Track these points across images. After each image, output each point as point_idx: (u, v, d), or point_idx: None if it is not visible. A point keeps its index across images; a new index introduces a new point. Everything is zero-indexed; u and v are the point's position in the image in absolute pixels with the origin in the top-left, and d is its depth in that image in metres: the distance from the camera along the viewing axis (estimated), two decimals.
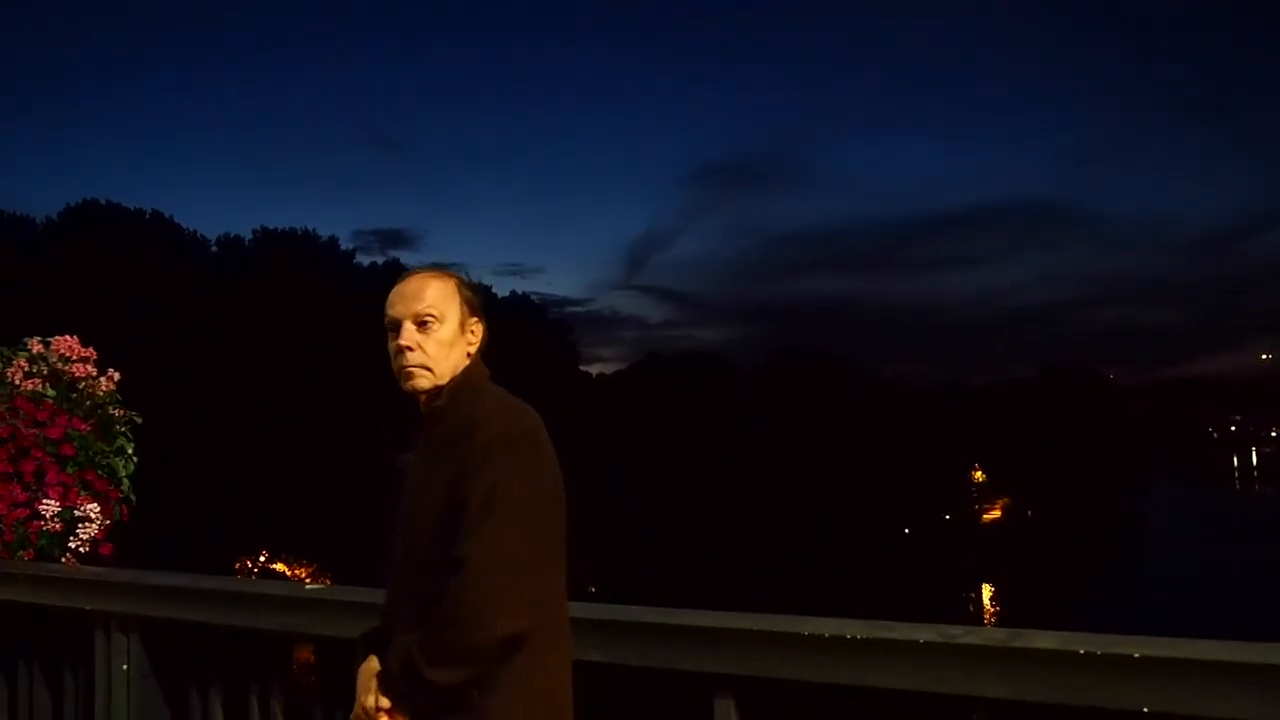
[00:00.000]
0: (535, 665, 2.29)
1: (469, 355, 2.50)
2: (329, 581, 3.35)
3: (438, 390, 2.44)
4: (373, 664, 2.42)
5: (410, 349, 2.43)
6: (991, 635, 2.32)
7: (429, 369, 2.43)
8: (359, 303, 57.49)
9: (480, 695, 2.25)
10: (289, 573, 46.65)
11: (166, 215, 59.79)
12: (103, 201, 58.18)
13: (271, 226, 62.48)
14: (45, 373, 4.78)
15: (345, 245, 65.64)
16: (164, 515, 31.46)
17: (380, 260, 67.52)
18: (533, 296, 74.07)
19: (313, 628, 3.43)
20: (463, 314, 2.49)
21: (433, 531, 2.31)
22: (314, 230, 62.56)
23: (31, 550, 4.44)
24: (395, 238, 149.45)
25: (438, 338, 2.45)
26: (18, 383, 4.71)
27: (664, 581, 46.79)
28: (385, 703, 2.32)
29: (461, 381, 2.46)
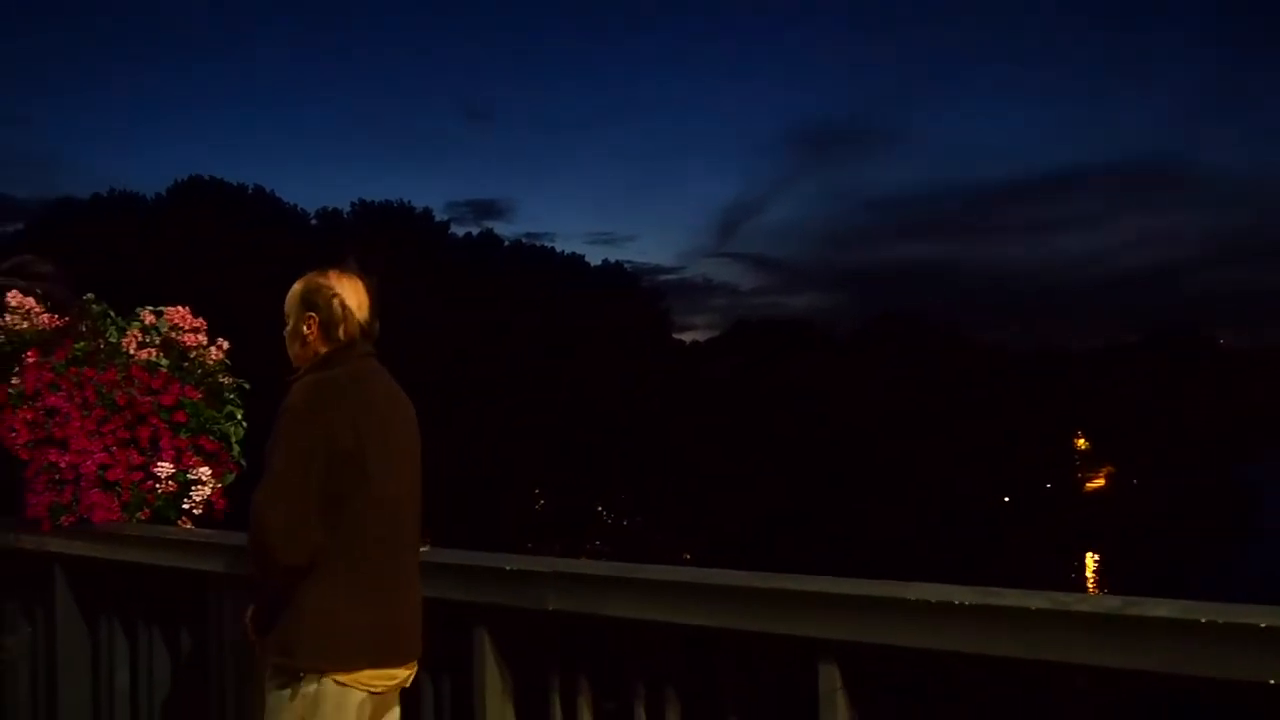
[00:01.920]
0: (305, 596, 2.86)
1: (303, 342, 3.09)
2: (429, 544, 3.42)
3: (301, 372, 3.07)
4: None
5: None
6: (1106, 603, 2.26)
7: (290, 357, 3.12)
8: (454, 273, 58.28)
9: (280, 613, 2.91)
10: None
11: (268, 189, 61.17)
12: (207, 177, 59.70)
13: (369, 199, 63.54)
14: (158, 342, 4.91)
15: (439, 216, 66.33)
16: None
17: (475, 231, 68.36)
18: (625, 265, 74.10)
19: None
20: (298, 314, 3.10)
21: None
22: (409, 202, 63.48)
23: (148, 510, 4.59)
24: (488, 208, 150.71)
25: (285, 334, 3.14)
26: (132, 352, 4.85)
27: (762, 544, 46.74)
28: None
29: (315, 364, 3.04)
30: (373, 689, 2.91)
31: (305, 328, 3.07)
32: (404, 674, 3.03)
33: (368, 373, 3.06)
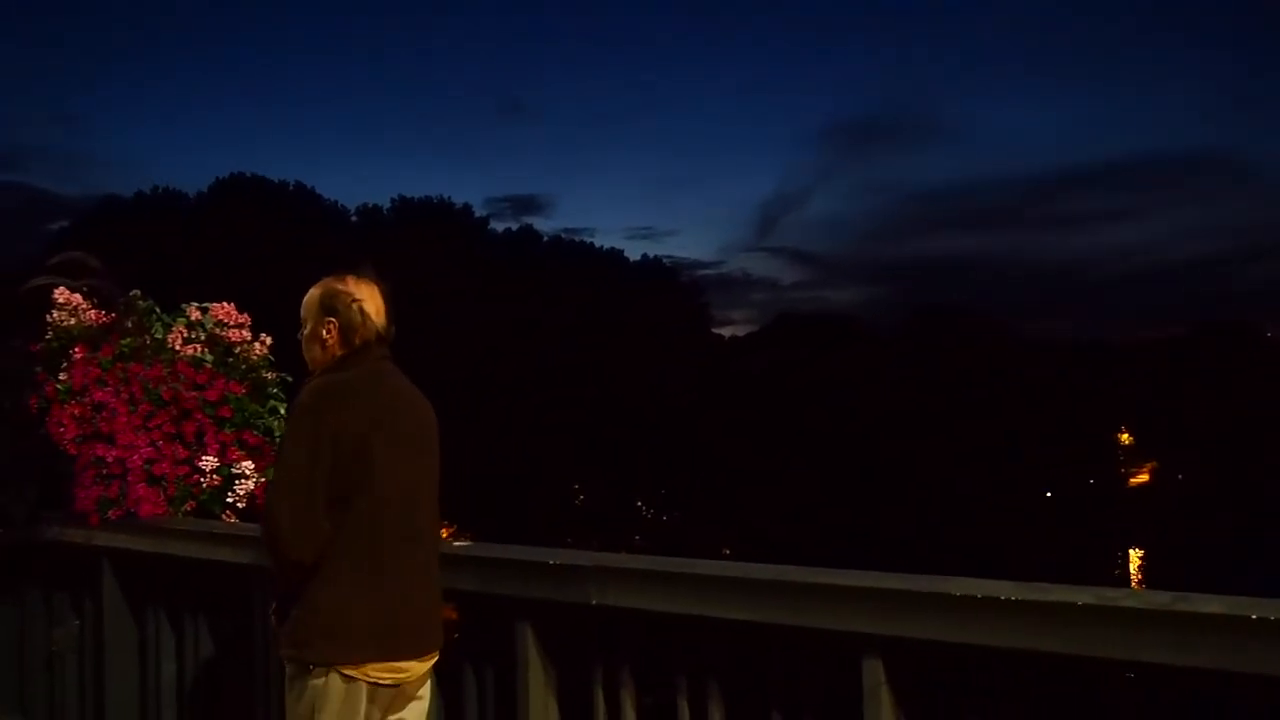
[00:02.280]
0: (315, 591, 2.94)
1: (323, 346, 3.15)
2: (470, 539, 3.43)
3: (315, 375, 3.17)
4: None
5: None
6: (1153, 599, 2.23)
7: (306, 360, 3.22)
8: (493, 268, 58.47)
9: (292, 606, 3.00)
10: None
11: (308, 186, 61.68)
12: (248, 174, 60.30)
13: (409, 195, 63.89)
14: (203, 338, 4.96)
15: (479, 212, 66.60)
16: None
17: (514, 226, 68.53)
18: (664, 260, 74.14)
19: (459, 583, 3.51)
20: (317, 319, 3.17)
21: None
22: (448, 198, 63.77)
23: (193, 504, 4.64)
24: (528, 204, 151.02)
25: (301, 337, 3.22)
26: (178, 348, 4.91)
27: (801, 540, 46.58)
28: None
29: (330, 366, 3.12)
30: (380, 682, 2.95)
31: (325, 332, 3.14)
32: (416, 667, 3.05)
33: (381, 375, 3.13)
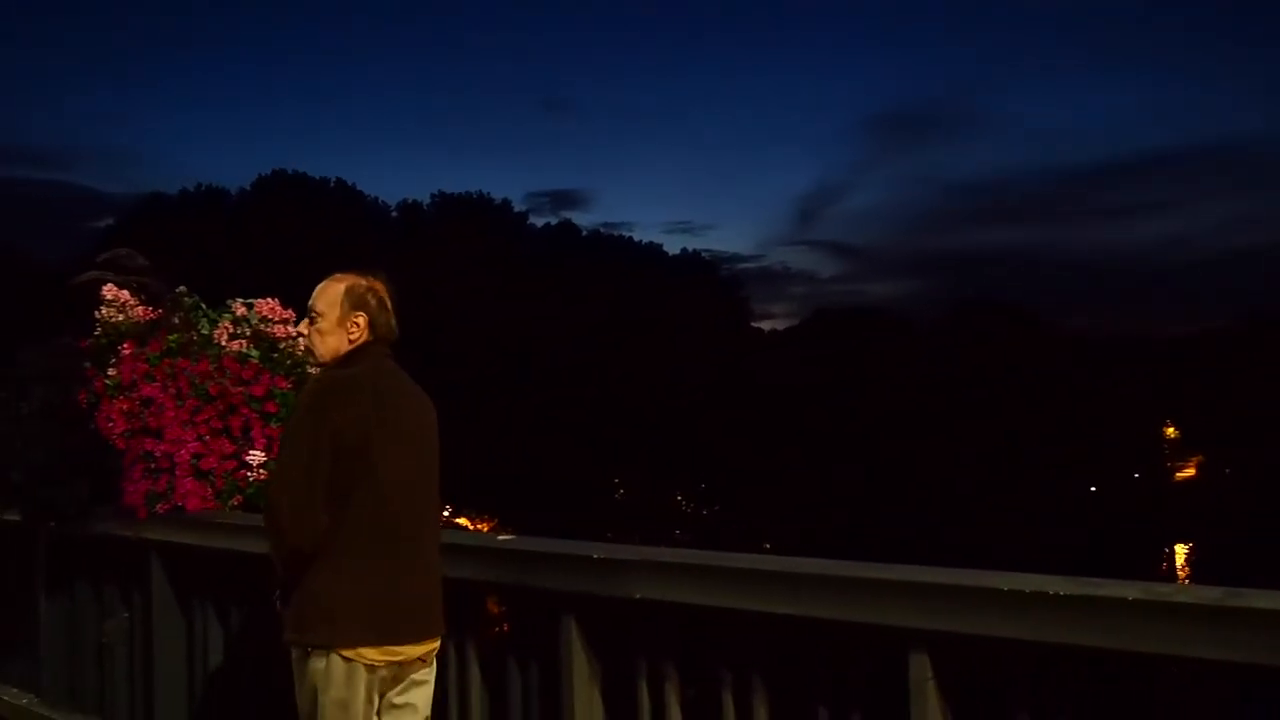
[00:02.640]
0: (316, 579, 3.07)
1: (350, 341, 3.25)
2: (513, 534, 3.45)
3: (324, 366, 3.33)
4: None
5: (304, 335, 3.41)
6: (1206, 594, 2.20)
7: (312, 350, 3.37)
8: (533, 263, 58.64)
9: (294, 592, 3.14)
10: (470, 527, 48.11)
11: (349, 183, 62.09)
12: (290, 171, 60.79)
13: (448, 191, 64.16)
14: (249, 334, 5.01)
15: (518, 207, 66.75)
16: None
17: (553, 221, 68.61)
18: (703, 254, 73.86)
19: (502, 577, 3.52)
20: (342, 310, 3.25)
21: None
22: (488, 193, 63.94)
23: (240, 497, 4.69)
24: (567, 199, 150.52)
25: (317, 328, 3.28)
26: (224, 344, 4.95)
27: (843, 534, 46.42)
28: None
29: (337, 361, 3.25)
30: (376, 664, 3.09)
31: (352, 325, 3.25)
32: (412, 651, 3.16)
33: (383, 372, 3.25)
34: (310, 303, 3.33)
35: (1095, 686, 2.46)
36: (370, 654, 3.07)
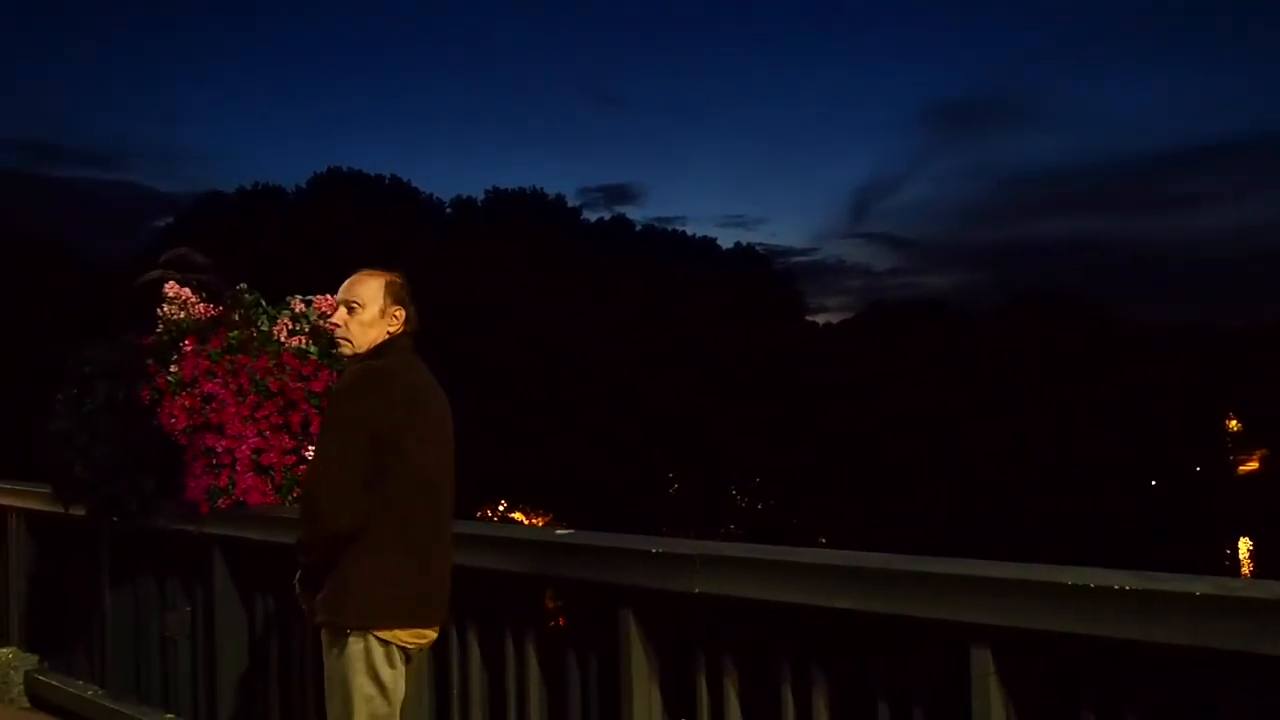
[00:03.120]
0: (351, 565, 3.20)
1: (388, 333, 3.39)
2: (570, 528, 3.46)
3: (356, 356, 3.40)
4: None
5: (338, 325, 3.43)
6: (1275, 589, 2.16)
7: (349, 340, 3.41)
8: (586, 258, 58.76)
9: (327, 576, 3.27)
10: (525, 522, 48.30)
11: (404, 179, 62.52)
12: (345, 169, 61.33)
13: (502, 186, 64.40)
14: (307, 330, 5.05)
15: (571, 202, 66.84)
16: None
17: (606, 215, 68.62)
18: (757, 248, 73.48)
19: (560, 571, 3.53)
20: (384, 304, 3.39)
21: None
22: (541, 189, 64.11)
23: (299, 490, 4.73)
24: (620, 193, 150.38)
25: (359, 319, 3.39)
26: (283, 340, 5.00)
27: (899, 527, 46.06)
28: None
29: (369, 352, 3.37)
30: (407, 646, 3.27)
31: (392, 319, 3.40)
32: (432, 635, 3.39)
33: (411, 365, 3.39)
34: (346, 295, 3.44)
35: (1161, 682, 2.41)
36: (404, 636, 3.25)
